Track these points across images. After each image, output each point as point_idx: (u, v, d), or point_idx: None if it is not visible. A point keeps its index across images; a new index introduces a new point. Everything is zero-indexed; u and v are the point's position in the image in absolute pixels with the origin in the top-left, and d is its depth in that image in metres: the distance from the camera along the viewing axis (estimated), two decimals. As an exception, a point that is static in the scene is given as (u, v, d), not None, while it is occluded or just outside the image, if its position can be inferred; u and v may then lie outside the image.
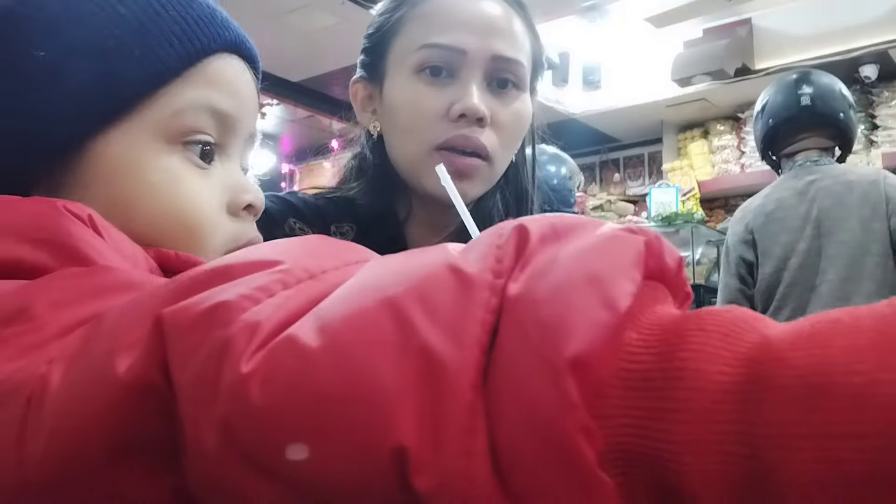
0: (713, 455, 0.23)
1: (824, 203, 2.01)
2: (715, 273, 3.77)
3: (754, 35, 3.84)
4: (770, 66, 3.74)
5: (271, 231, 0.84)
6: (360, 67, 0.94)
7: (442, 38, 0.83)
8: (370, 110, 0.92)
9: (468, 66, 0.83)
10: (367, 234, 0.89)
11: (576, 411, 0.23)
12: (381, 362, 0.25)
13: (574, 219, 0.30)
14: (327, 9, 3.55)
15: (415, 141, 0.84)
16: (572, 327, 0.24)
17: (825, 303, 1.95)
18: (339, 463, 0.25)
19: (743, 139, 4.21)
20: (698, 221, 3.79)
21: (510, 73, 0.85)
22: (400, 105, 0.85)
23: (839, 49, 3.49)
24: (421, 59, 0.84)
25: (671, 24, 3.80)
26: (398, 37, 0.87)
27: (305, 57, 4.03)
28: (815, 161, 2.08)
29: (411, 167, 0.86)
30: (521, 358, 0.25)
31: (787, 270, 2.03)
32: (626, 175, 4.90)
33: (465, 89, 0.83)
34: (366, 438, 0.25)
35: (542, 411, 0.24)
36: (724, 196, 4.30)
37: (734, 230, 2.18)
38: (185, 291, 0.30)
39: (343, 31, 3.72)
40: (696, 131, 4.42)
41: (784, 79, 2.17)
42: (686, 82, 3.86)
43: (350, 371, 0.25)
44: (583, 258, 0.27)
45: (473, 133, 0.82)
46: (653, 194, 3.95)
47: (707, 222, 3.98)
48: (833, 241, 1.98)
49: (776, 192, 2.11)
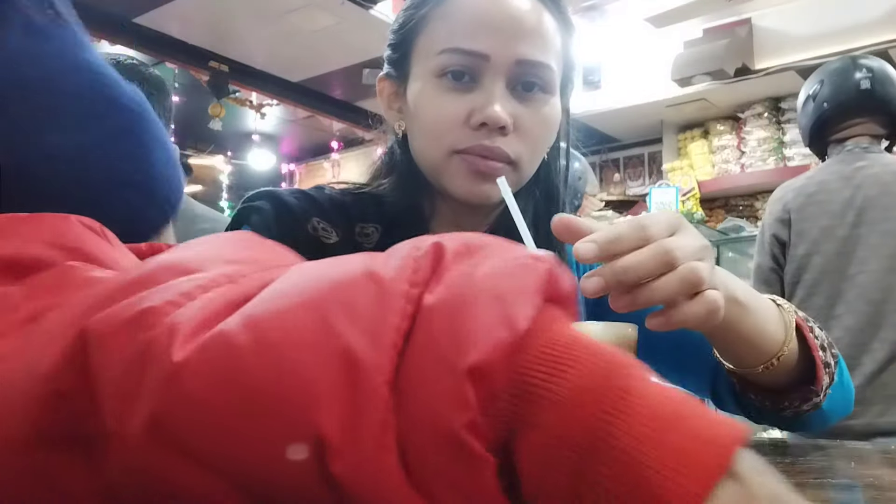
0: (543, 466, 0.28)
1: (871, 191, 1.93)
2: (715, 273, 3.77)
3: (754, 35, 3.84)
4: (770, 66, 3.74)
5: (293, 231, 0.83)
6: (387, 63, 0.92)
7: (464, 43, 0.81)
8: (396, 108, 0.90)
9: (491, 71, 0.81)
10: (392, 235, 0.87)
11: (469, 410, 0.27)
12: (306, 360, 0.28)
13: (486, 239, 0.33)
14: (327, 9, 3.55)
15: (435, 144, 0.83)
16: (476, 340, 0.28)
17: (864, 293, 1.87)
18: (265, 450, 0.27)
19: (743, 139, 4.21)
20: (698, 221, 3.79)
21: (536, 76, 0.83)
22: (421, 108, 0.84)
23: (839, 49, 3.48)
24: (442, 64, 0.82)
25: (671, 24, 3.81)
26: (421, 36, 0.85)
27: (305, 57, 4.04)
28: (865, 148, 2.00)
29: (433, 168, 0.85)
30: (430, 362, 0.28)
31: (821, 255, 1.95)
32: (626, 175, 4.90)
33: (487, 96, 0.80)
34: (291, 427, 0.27)
35: (443, 409, 0.27)
36: (724, 196, 4.29)
37: (771, 209, 2.09)
38: (110, 299, 0.32)
39: (343, 31, 3.72)
40: (696, 131, 4.42)
41: (834, 64, 2.09)
42: (686, 82, 3.86)
43: (277, 367, 0.28)
44: (493, 279, 0.30)
45: (494, 142, 0.80)
46: (653, 194, 3.95)
47: (707, 222, 3.98)
48: (876, 231, 1.90)
49: (820, 175, 2.03)
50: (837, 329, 1.87)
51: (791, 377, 0.78)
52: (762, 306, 0.74)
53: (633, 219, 0.58)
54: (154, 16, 3.68)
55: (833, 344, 0.81)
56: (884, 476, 0.59)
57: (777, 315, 0.75)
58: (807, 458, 0.76)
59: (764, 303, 0.75)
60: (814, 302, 1.94)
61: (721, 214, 4.24)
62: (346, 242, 0.87)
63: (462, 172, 0.82)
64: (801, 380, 0.78)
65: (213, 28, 3.77)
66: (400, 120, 0.89)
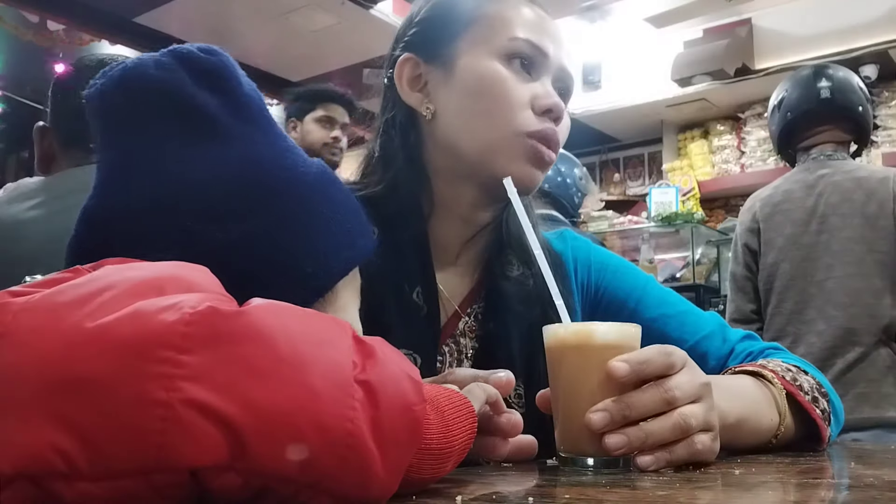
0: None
1: (832, 198, 2.00)
2: (715, 273, 3.77)
3: (754, 35, 3.85)
4: (770, 66, 3.74)
5: None
6: (408, 47, 0.91)
7: (532, 36, 0.87)
8: (418, 89, 0.90)
9: (546, 68, 0.88)
10: (389, 235, 0.85)
11: (421, 404, 0.46)
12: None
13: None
14: (327, 9, 3.55)
15: (500, 123, 0.85)
16: (405, 389, 0.45)
17: (833, 299, 1.95)
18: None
19: (743, 139, 4.21)
20: (698, 221, 3.79)
21: (566, 84, 0.91)
22: (485, 86, 0.86)
23: (839, 49, 3.49)
24: (512, 49, 0.86)
25: (671, 24, 3.81)
26: (476, 24, 0.88)
27: (305, 57, 4.03)
28: (829, 155, 2.08)
29: (487, 150, 0.85)
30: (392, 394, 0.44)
31: (789, 262, 2.03)
32: (626, 175, 4.90)
33: (545, 88, 0.87)
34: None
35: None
36: (723, 196, 4.30)
37: (742, 219, 2.18)
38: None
39: (343, 31, 3.72)
40: (696, 131, 4.42)
41: (800, 73, 2.16)
42: (686, 82, 3.86)
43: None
44: (400, 364, 0.46)
45: (554, 128, 0.86)
46: (653, 194, 3.95)
47: (707, 222, 3.98)
48: (839, 237, 1.98)
49: (785, 184, 2.11)
50: (810, 334, 1.97)
51: (794, 437, 0.83)
52: (756, 410, 0.78)
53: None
54: (154, 16, 3.68)
55: (822, 384, 0.86)
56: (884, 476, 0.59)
57: (769, 404, 0.80)
58: (806, 458, 0.76)
59: (757, 405, 0.79)
60: (785, 308, 2.03)
61: (721, 214, 4.24)
62: None
63: (526, 155, 0.85)
64: (804, 435, 0.83)
65: (213, 28, 3.77)
66: (427, 102, 0.89)
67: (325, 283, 0.60)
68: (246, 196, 0.55)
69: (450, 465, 0.51)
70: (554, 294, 0.73)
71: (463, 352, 0.89)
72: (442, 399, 0.51)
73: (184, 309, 0.39)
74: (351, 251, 0.62)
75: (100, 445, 0.37)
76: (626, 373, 0.63)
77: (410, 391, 0.45)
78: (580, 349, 0.66)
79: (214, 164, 0.56)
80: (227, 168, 0.56)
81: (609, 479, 0.59)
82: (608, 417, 0.62)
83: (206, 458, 0.38)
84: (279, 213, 0.56)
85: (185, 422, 0.37)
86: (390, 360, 0.45)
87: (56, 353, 0.38)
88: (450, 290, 0.91)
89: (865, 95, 2.13)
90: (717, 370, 0.88)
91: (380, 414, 0.42)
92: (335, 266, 0.60)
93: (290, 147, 0.61)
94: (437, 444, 0.49)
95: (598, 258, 0.98)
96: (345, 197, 0.63)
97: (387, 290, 0.84)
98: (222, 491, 0.40)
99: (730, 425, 0.72)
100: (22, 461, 0.36)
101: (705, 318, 0.95)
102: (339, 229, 0.61)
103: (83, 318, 0.39)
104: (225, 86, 0.58)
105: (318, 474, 0.40)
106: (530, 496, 0.50)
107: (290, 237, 0.57)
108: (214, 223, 0.54)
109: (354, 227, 0.62)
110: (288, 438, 0.39)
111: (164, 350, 0.38)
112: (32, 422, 0.37)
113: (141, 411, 0.37)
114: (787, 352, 0.93)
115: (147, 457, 0.37)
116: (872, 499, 0.48)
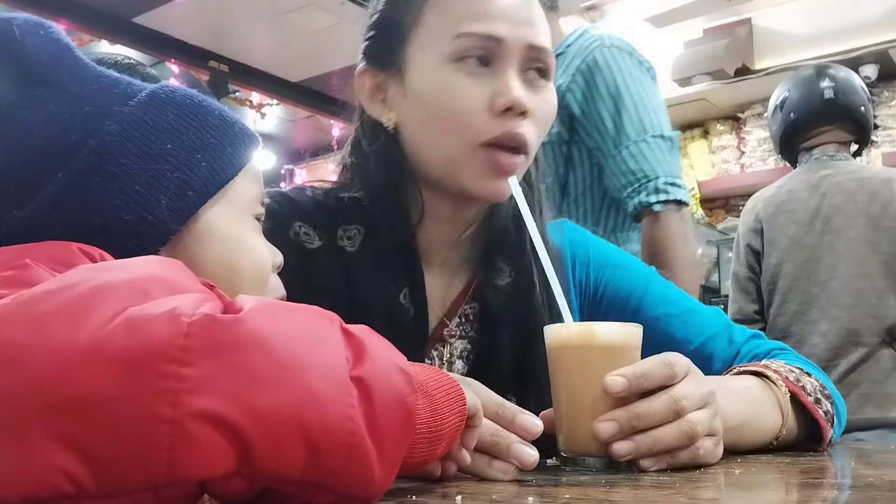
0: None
1: (835, 199, 2.00)
2: (715, 273, 3.77)
3: (754, 35, 3.84)
4: (770, 66, 3.73)
5: (274, 236, 0.83)
6: (366, 57, 0.89)
7: (477, 27, 0.79)
8: (379, 100, 0.87)
9: (504, 55, 0.80)
10: (377, 236, 0.86)
11: (413, 395, 0.46)
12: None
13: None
14: (327, 9, 3.54)
15: (456, 137, 0.80)
16: (396, 382, 0.45)
17: (836, 299, 1.94)
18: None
19: (743, 139, 4.21)
20: (698, 221, 3.78)
21: (542, 62, 0.83)
22: (435, 96, 0.81)
23: (839, 49, 3.48)
24: (460, 49, 0.79)
25: (671, 24, 3.81)
26: (421, 25, 0.83)
27: (305, 57, 4.03)
28: (832, 156, 2.07)
29: (448, 163, 0.82)
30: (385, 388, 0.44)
31: (792, 263, 2.02)
32: (626, 175, 4.89)
33: (504, 80, 0.79)
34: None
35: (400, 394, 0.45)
36: (724, 196, 4.29)
37: (745, 219, 2.18)
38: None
39: (343, 31, 3.71)
40: (696, 131, 4.41)
41: (802, 73, 2.16)
42: (686, 82, 3.86)
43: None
44: (390, 355, 0.46)
45: (517, 127, 0.79)
46: (653, 194, 3.94)
47: (707, 222, 3.98)
48: (843, 238, 1.97)
49: (789, 184, 2.10)
50: (814, 335, 1.97)
51: (796, 439, 0.83)
52: (758, 412, 0.78)
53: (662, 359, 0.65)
54: (154, 16, 3.67)
55: (825, 386, 0.85)
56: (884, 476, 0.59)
57: (772, 406, 0.79)
58: (807, 458, 0.76)
59: (760, 407, 0.78)
60: (788, 308, 2.03)
61: (721, 214, 4.24)
62: (329, 247, 0.86)
63: (486, 169, 0.80)
64: (806, 436, 0.83)
65: (213, 28, 3.77)
66: (389, 112, 0.86)
67: (159, 227, 0.57)
68: (31, 170, 0.54)
69: (441, 449, 0.51)
70: (557, 294, 0.72)
71: (454, 354, 0.88)
72: (431, 382, 0.51)
73: (180, 318, 0.39)
74: (190, 182, 0.59)
75: (107, 465, 0.36)
76: (623, 388, 0.62)
77: (402, 383, 0.45)
78: (582, 349, 0.66)
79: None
80: (7, 153, 0.55)
81: (610, 479, 0.59)
82: (616, 427, 0.62)
83: (215, 469, 0.38)
84: (68, 179, 0.54)
85: (193, 436, 0.37)
86: (380, 352, 0.45)
87: (53, 373, 0.36)
88: (437, 293, 0.89)
89: (867, 95, 2.13)
90: (722, 372, 0.88)
91: (375, 410, 0.42)
92: (167, 206, 0.57)
93: (93, 93, 0.57)
94: (427, 427, 0.49)
95: (597, 254, 0.96)
96: (182, 121, 0.60)
97: (373, 292, 0.83)
98: (226, 495, 0.40)
99: (733, 428, 0.72)
100: (29, 488, 0.36)
101: (710, 316, 0.93)
102: (161, 167, 0.57)
103: (72, 332, 0.38)
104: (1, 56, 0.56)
105: (321, 474, 0.40)
106: (530, 496, 0.50)
107: (85, 198, 0.55)
108: (10, 204, 0.54)
109: (192, 157, 0.60)
110: (293, 442, 0.39)
111: (165, 364, 0.37)
112: (37, 445, 0.36)
113: (148, 429, 0.36)
114: (793, 352, 0.92)
115: (156, 473, 0.37)
116: (872, 499, 0.48)
